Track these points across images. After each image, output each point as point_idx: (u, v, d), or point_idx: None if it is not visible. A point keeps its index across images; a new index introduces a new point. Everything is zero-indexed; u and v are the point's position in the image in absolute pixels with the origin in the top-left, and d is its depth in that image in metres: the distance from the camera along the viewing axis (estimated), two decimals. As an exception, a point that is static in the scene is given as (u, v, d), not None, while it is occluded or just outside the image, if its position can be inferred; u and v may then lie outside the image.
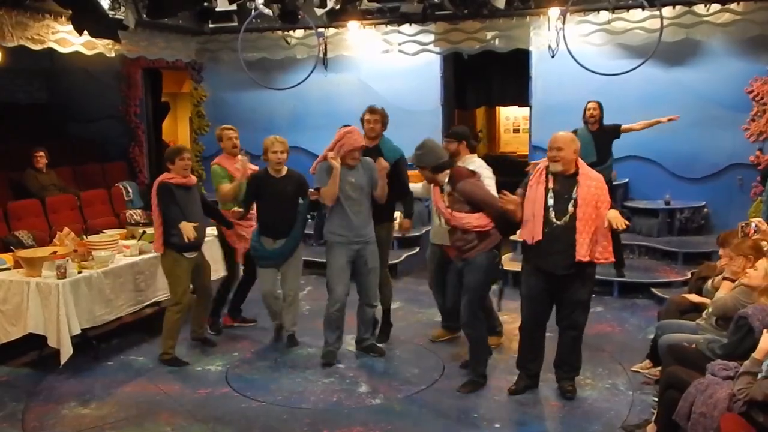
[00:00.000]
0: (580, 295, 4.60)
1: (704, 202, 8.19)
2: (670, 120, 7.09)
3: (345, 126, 5.28)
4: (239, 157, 5.88)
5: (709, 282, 5.01)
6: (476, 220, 4.59)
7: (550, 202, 4.50)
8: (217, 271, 6.71)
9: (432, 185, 4.88)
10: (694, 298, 5.09)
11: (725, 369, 3.53)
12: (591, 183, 4.46)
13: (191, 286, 5.60)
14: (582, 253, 4.39)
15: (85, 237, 6.27)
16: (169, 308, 5.50)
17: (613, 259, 4.68)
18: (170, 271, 5.42)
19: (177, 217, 5.19)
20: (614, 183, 7.41)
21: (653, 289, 7.06)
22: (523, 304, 4.79)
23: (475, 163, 5.40)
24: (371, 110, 5.58)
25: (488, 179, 5.18)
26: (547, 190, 4.52)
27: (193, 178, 5.50)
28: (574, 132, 7.01)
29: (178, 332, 5.51)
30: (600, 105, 7.02)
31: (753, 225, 4.64)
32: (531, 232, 4.55)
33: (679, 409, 3.53)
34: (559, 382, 4.82)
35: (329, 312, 5.31)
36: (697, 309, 4.89)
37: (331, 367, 5.30)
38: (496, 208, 4.59)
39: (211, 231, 6.17)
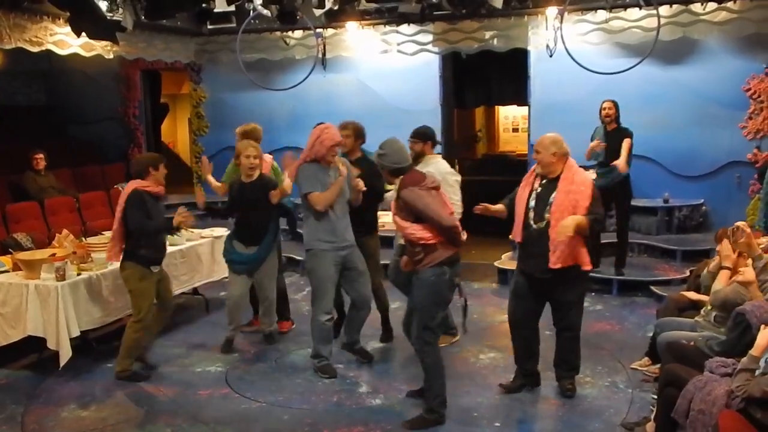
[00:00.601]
0: (569, 297, 4.58)
1: (702, 200, 8.20)
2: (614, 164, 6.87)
3: (319, 124, 5.20)
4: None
5: (705, 268, 5.01)
6: (419, 231, 4.19)
7: (531, 204, 4.49)
8: (217, 272, 6.74)
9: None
10: (692, 295, 5.10)
11: (723, 366, 3.54)
12: (571, 188, 4.37)
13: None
14: (553, 261, 4.37)
15: (84, 239, 6.28)
16: (130, 324, 5.15)
17: (589, 267, 4.50)
18: (135, 286, 5.07)
19: (150, 226, 4.98)
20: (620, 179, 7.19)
21: (652, 287, 7.07)
22: (509, 301, 4.79)
23: (438, 164, 5.37)
24: (342, 126, 5.51)
25: (448, 187, 5.10)
26: (531, 192, 4.52)
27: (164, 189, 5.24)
28: (596, 130, 7.05)
29: (138, 350, 5.25)
30: (615, 104, 6.98)
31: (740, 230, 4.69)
32: (515, 231, 4.61)
33: (678, 406, 3.54)
34: (559, 380, 4.82)
35: (322, 323, 5.11)
36: (695, 306, 4.90)
37: (336, 378, 5.18)
38: (438, 222, 4.16)
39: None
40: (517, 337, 4.81)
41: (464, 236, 4.40)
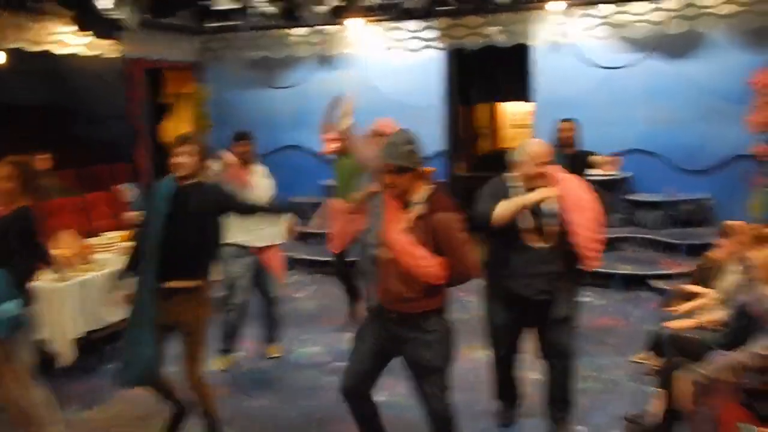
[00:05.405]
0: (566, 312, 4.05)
1: (709, 195, 8.15)
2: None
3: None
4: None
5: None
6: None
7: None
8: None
9: None
10: (695, 289, 5.07)
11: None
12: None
13: None
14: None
15: (86, 239, 6.28)
16: None
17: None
18: None
19: None
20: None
21: (655, 281, 7.04)
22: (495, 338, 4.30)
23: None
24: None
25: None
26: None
27: None
28: None
29: None
30: (575, 124, 6.21)
31: None
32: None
33: (681, 398, 3.54)
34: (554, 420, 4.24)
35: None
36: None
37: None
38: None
39: None
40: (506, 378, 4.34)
41: None
